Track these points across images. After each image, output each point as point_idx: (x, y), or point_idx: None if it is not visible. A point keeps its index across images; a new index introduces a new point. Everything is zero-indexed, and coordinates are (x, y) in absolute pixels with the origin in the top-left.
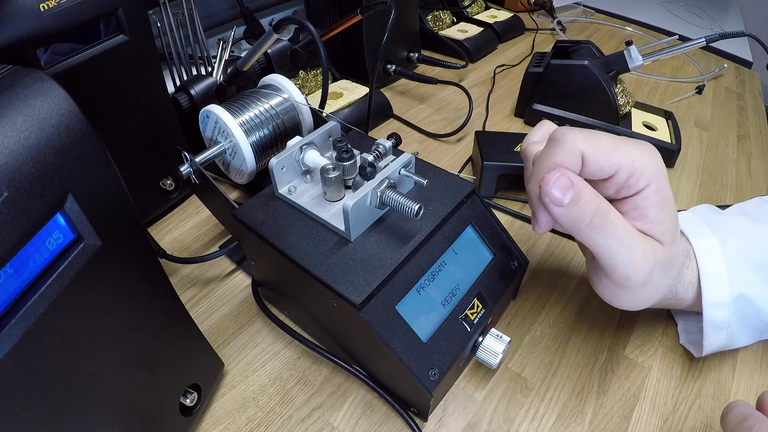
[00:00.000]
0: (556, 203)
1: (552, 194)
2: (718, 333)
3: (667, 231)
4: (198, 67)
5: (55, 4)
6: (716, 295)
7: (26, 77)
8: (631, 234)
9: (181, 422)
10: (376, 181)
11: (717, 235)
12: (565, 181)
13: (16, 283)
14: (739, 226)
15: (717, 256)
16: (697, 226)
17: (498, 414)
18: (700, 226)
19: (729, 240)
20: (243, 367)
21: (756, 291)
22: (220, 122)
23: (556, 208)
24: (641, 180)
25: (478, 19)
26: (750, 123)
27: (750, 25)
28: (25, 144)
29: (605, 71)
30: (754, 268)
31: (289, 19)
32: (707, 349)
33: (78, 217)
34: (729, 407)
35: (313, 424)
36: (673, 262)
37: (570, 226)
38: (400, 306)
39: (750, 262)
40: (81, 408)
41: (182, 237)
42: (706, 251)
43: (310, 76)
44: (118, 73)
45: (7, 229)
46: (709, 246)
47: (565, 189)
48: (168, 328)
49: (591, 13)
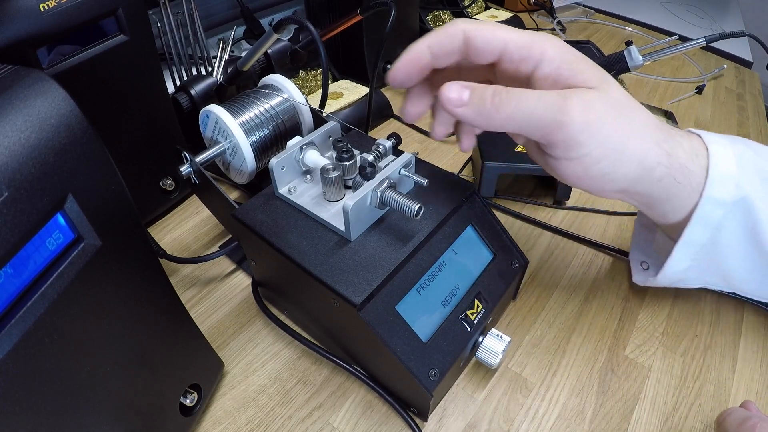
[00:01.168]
0: (457, 104)
1: (451, 98)
2: (703, 229)
3: (591, 77)
4: (198, 67)
5: (55, 4)
6: (720, 191)
7: (26, 77)
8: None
9: (181, 422)
10: (376, 181)
11: (728, 139)
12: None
13: (16, 283)
14: (749, 141)
15: (728, 152)
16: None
17: (498, 414)
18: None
19: (739, 145)
20: (243, 367)
21: (763, 204)
22: (220, 122)
23: (459, 108)
24: (534, 47)
25: (478, 19)
26: (750, 123)
27: (750, 25)
28: (25, 144)
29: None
30: (764, 181)
31: (289, 19)
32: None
33: (78, 217)
34: (725, 413)
35: (313, 424)
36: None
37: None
38: (400, 306)
39: (762, 174)
40: (81, 408)
41: (182, 237)
42: (718, 144)
43: (310, 76)
44: (118, 74)
45: (7, 229)
46: (720, 141)
47: (461, 89)
48: (168, 328)
49: (591, 13)
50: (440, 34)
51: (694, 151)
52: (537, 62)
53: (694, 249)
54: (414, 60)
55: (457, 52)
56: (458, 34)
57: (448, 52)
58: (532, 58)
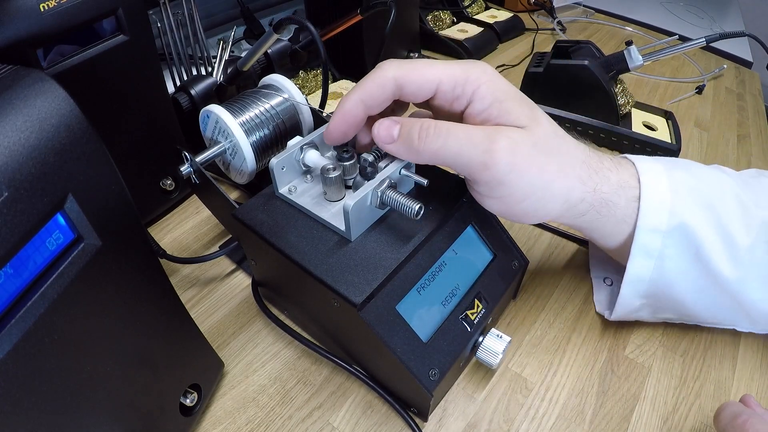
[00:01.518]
0: (387, 141)
1: (381, 135)
2: (645, 260)
3: (521, 115)
4: (198, 67)
5: (55, 4)
6: (653, 219)
7: (26, 77)
8: (469, 128)
9: (181, 422)
10: (376, 181)
11: (663, 165)
12: (387, 122)
13: (16, 283)
14: (690, 165)
15: (662, 179)
16: (642, 156)
17: (498, 414)
18: (645, 156)
19: (677, 171)
20: (243, 367)
21: (701, 227)
22: (221, 122)
23: (390, 145)
24: (468, 85)
25: (478, 19)
26: (750, 123)
27: (750, 25)
28: (25, 144)
29: (605, 71)
30: (702, 204)
31: (289, 19)
32: (629, 276)
33: (78, 217)
34: (721, 407)
35: (313, 424)
36: (552, 143)
37: (409, 154)
38: (401, 306)
39: (698, 197)
40: (81, 408)
41: (182, 237)
42: (651, 173)
43: (310, 76)
44: (118, 73)
45: (7, 229)
46: (654, 169)
47: (391, 125)
48: (168, 328)
49: (591, 13)
50: (370, 85)
51: (622, 184)
52: (469, 100)
53: (643, 285)
54: (348, 117)
55: (389, 99)
56: (388, 82)
57: (380, 102)
58: (465, 96)
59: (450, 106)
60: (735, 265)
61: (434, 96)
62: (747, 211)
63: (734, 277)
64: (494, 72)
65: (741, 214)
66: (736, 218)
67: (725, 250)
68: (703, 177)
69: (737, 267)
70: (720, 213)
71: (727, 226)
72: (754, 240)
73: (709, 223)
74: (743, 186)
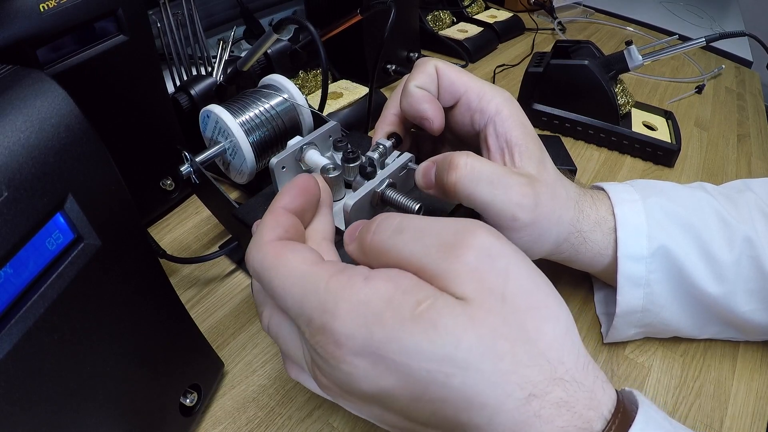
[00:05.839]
0: (429, 186)
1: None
2: (634, 290)
3: (532, 156)
4: (198, 67)
5: (55, 4)
6: (633, 246)
7: (26, 77)
8: (501, 173)
9: (181, 422)
10: (376, 180)
11: (640, 192)
12: (426, 164)
13: (16, 283)
14: (668, 188)
15: (637, 207)
16: (620, 185)
17: None
18: (622, 186)
19: (652, 197)
20: (243, 367)
21: (681, 248)
22: (221, 122)
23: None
24: (492, 103)
25: (477, 19)
26: (750, 123)
27: (750, 25)
28: (25, 144)
29: (605, 71)
30: (680, 226)
31: (289, 19)
32: (621, 308)
33: (78, 217)
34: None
35: (313, 424)
36: (557, 188)
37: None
38: None
39: (676, 219)
40: (81, 408)
41: (182, 237)
42: (626, 203)
43: (310, 76)
44: (118, 73)
45: (7, 229)
46: (629, 199)
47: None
48: (168, 328)
49: (591, 13)
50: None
51: (599, 221)
52: (491, 117)
53: (636, 316)
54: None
55: (435, 83)
56: (432, 69)
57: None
58: (488, 112)
59: (471, 117)
60: (719, 281)
61: (458, 103)
62: (729, 227)
63: (720, 292)
64: (514, 101)
65: (722, 231)
66: (717, 235)
67: (707, 267)
68: (680, 198)
69: (722, 283)
70: (700, 231)
71: (709, 244)
72: (738, 255)
73: (689, 242)
74: (725, 202)
